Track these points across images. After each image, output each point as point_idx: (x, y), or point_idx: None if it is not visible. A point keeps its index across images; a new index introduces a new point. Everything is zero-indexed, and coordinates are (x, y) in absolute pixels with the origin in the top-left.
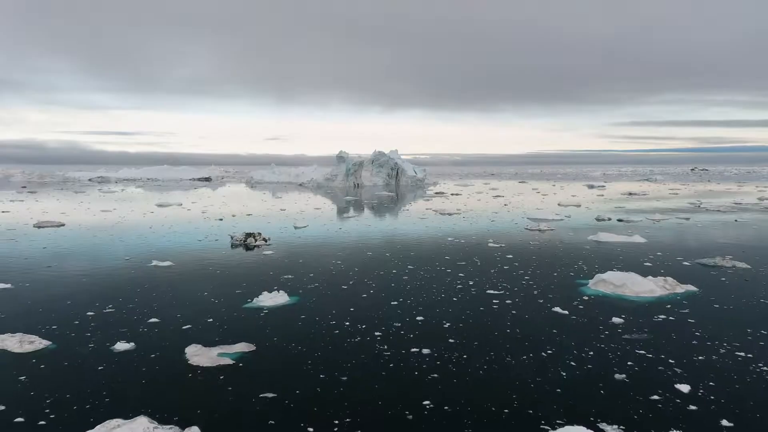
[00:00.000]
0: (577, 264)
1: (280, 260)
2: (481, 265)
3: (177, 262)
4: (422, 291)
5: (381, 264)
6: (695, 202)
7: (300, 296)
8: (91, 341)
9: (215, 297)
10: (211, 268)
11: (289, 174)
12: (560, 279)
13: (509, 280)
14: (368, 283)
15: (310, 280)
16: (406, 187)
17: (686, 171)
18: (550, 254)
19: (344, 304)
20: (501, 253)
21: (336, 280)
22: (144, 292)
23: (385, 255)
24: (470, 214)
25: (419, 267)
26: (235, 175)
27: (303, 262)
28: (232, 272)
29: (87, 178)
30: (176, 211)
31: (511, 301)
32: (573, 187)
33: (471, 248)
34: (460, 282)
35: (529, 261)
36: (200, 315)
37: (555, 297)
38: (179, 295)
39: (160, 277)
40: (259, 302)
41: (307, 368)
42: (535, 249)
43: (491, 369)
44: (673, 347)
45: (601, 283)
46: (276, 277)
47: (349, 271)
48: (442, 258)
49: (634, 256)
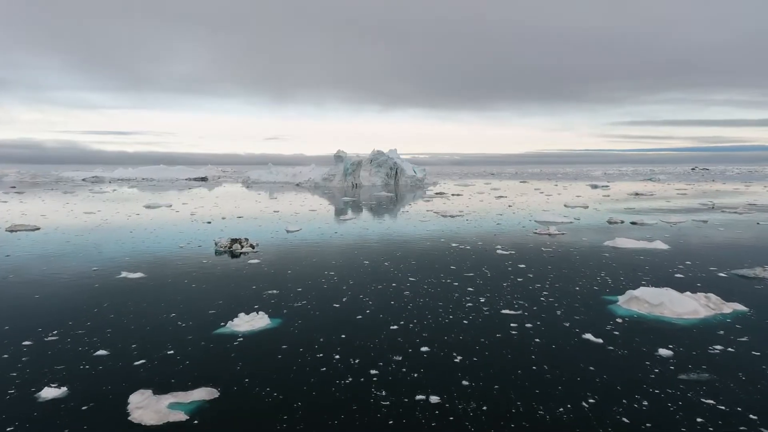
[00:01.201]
0: (600, 275)
1: (266, 271)
2: (491, 276)
3: (149, 274)
4: (426, 311)
5: (379, 275)
6: (707, 203)
7: (283, 318)
8: (13, 385)
9: (183, 319)
10: (187, 281)
11: (287, 174)
12: (584, 295)
13: (526, 297)
14: (364, 300)
15: (297, 297)
16: (405, 187)
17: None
18: (566, 263)
19: (335, 329)
20: (512, 262)
21: (327, 297)
22: (101, 314)
23: (383, 264)
24: (473, 217)
25: (422, 279)
26: (232, 175)
27: (291, 273)
28: (209, 287)
29: (81, 178)
30: (164, 213)
31: (532, 324)
32: (576, 187)
33: (478, 256)
34: (470, 299)
35: (544, 271)
36: (159, 345)
37: (583, 319)
38: (141, 317)
39: (125, 293)
40: (233, 327)
41: (282, 427)
42: (548, 257)
43: (520, 428)
44: (747, 393)
45: (634, 301)
46: (258, 292)
47: (342, 285)
48: (446, 268)
49: (660, 265)
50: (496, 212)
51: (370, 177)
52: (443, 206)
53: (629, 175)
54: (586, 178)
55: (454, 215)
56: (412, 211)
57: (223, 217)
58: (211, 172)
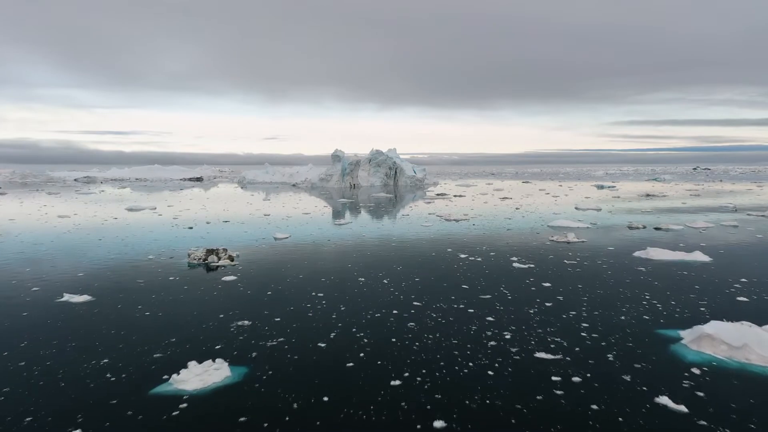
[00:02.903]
0: (644, 299)
1: (241, 292)
2: (512, 300)
3: (98, 296)
4: (438, 354)
5: (376, 298)
6: (726, 205)
7: (250, 366)
8: None
9: (115, 370)
10: (140, 308)
11: (283, 174)
12: (634, 328)
13: (562, 331)
14: (357, 337)
15: (273, 330)
16: (405, 188)
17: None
18: (598, 281)
19: (317, 385)
20: (533, 279)
21: (311, 331)
22: (6, 361)
23: (382, 283)
24: (480, 221)
25: (429, 304)
26: (229, 175)
27: (271, 295)
28: (164, 316)
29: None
30: (144, 217)
31: (580, 378)
32: (581, 187)
33: (492, 271)
34: (491, 334)
35: (575, 293)
36: (68, 415)
37: (646, 370)
38: (60, 365)
39: (55, 326)
40: (178, 383)
41: None
42: (574, 272)
43: None
44: None
45: (706, 341)
46: (225, 324)
47: (331, 312)
48: (457, 288)
49: (712, 285)
50: (503, 216)
51: (368, 177)
52: (446, 209)
53: (631, 175)
54: (588, 178)
55: (458, 219)
56: (413, 214)
57: (207, 221)
58: (207, 172)
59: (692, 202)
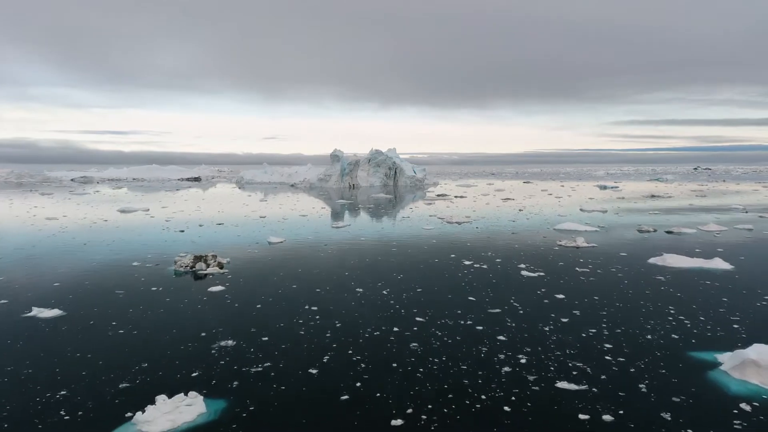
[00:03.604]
0: (670, 313)
1: (227, 305)
2: (525, 315)
3: (70, 311)
4: (445, 384)
5: (376, 313)
6: (735, 206)
7: (228, 401)
8: None
9: (71, 405)
10: (114, 324)
11: (282, 174)
12: (664, 350)
13: (584, 354)
14: (354, 361)
15: (259, 354)
16: (405, 188)
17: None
18: (616, 293)
19: (305, 425)
20: (545, 290)
21: (302, 353)
22: None
23: (381, 294)
24: (483, 224)
25: (433, 319)
26: (228, 175)
27: (260, 309)
28: (139, 336)
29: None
30: (135, 219)
31: (612, 415)
32: (583, 187)
33: (500, 280)
34: (504, 358)
35: (592, 306)
36: None
37: (688, 405)
38: (5, 398)
39: (13, 346)
40: (142, 423)
41: None
42: (589, 282)
43: None
44: None
45: (750, 368)
46: (206, 345)
47: (326, 331)
48: (464, 300)
49: (741, 297)
50: (507, 218)
51: (368, 177)
52: (447, 210)
53: (632, 174)
54: (590, 178)
55: (460, 222)
56: (414, 216)
57: (200, 224)
58: (205, 172)
59: (699, 203)
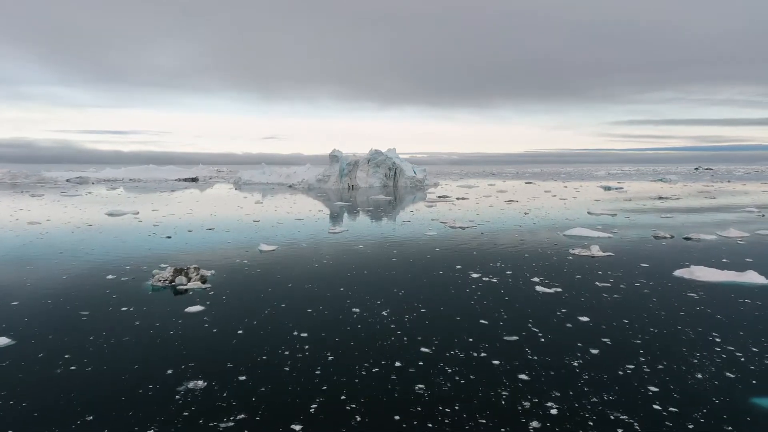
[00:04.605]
0: (715, 342)
1: (204, 332)
2: (546, 345)
3: (21, 338)
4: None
5: (374, 341)
6: (750, 210)
7: None
8: None
9: None
10: (67, 357)
11: (280, 174)
12: (724, 397)
13: (624, 399)
14: (347, 411)
15: (231, 400)
16: (405, 189)
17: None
18: (648, 315)
19: None
20: (566, 310)
21: (284, 399)
22: None
23: (381, 316)
24: (488, 229)
25: (440, 350)
26: (226, 176)
27: (242, 335)
28: (92, 374)
29: (66, 178)
30: (122, 224)
31: None
32: (586, 188)
33: (513, 298)
34: (530, 405)
35: (623, 333)
36: None
37: None
38: None
39: None
40: None
41: None
42: (612, 299)
43: None
44: None
45: None
46: (170, 387)
47: (316, 365)
48: (475, 325)
49: None
50: (512, 222)
51: (367, 178)
52: (449, 213)
53: (634, 175)
54: (591, 178)
55: (464, 226)
56: (415, 220)
57: (189, 229)
58: (203, 172)
59: (709, 205)
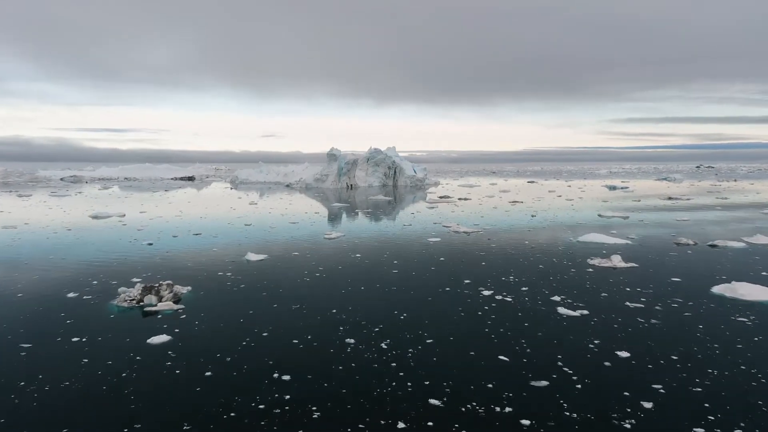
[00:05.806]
0: None
1: (166, 373)
2: (585, 393)
3: None
4: None
5: (373, 387)
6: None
7: None
8: None
9: None
10: None
11: (278, 173)
12: None
13: None
14: None
15: None
16: (405, 189)
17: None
18: (697, 346)
19: None
20: (598, 341)
21: None
22: None
23: (380, 349)
24: (495, 233)
25: (454, 404)
26: (224, 174)
27: (212, 376)
28: None
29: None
30: (104, 228)
31: None
32: (591, 187)
33: (534, 324)
34: None
35: (674, 375)
36: None
37: None
38: None
39: None
40: None
41: None
42: (650, 326)
43: None
44: None
45: None
46: None
47: (297, 425)
48: (493, 362)
49: None
50: (520, 226)
51: (366, 177)
52: (453, 216)
53: (637, 173)
54: (593, 177)
55: (469, 231)
56: (416, 223)
57: (174, 234)
58: (200, 170)
59: (722, 205)
